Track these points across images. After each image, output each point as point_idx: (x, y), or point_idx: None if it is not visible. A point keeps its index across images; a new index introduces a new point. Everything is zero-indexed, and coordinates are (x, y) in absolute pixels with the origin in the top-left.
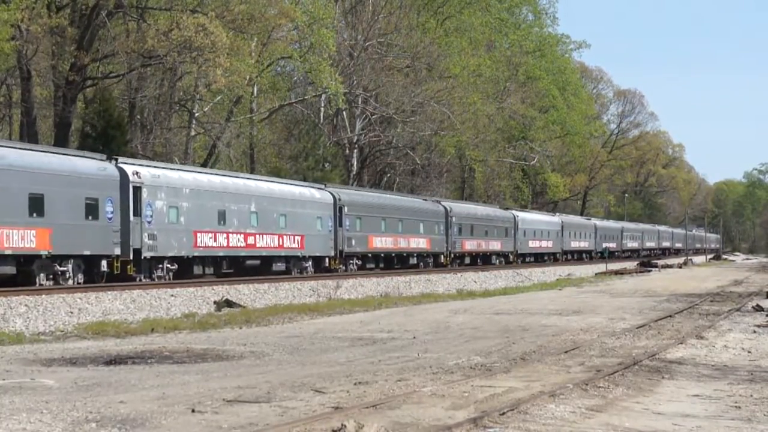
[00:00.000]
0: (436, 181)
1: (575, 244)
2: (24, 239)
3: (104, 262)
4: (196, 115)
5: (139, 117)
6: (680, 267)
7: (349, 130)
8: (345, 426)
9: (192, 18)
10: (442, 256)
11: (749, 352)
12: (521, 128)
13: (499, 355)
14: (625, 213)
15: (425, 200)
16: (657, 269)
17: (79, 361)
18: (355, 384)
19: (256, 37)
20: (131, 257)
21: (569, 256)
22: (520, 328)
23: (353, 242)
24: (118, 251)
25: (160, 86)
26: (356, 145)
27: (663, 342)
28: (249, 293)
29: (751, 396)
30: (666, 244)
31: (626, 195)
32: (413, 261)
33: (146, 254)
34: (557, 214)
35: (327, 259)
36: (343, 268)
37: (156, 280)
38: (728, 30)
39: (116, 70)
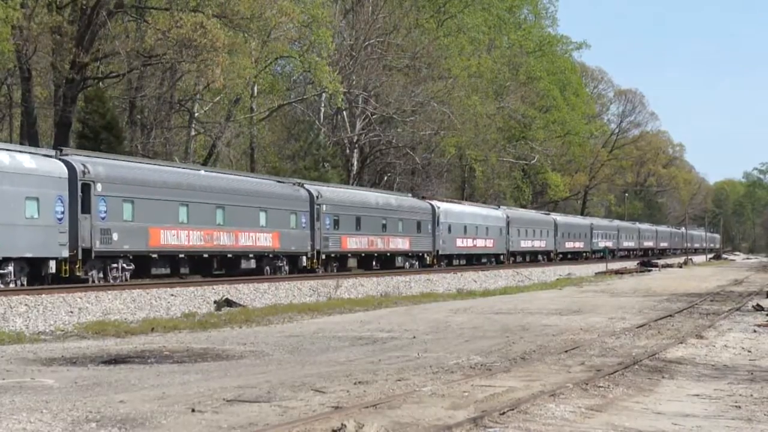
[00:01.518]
0: (436, 181)
1: (527, 244)
2: None
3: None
4: (196, 115)
5: (139, 117)
6: (680, 267)
7: (349, 129)
8: (345, 426)
9: (191, 17)
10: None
11: (749, 351)
12: (521, 128)
13: (499, 355)
14: (625, 212)
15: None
16: (657, 269)
17: (79, 360)
18: (355, 384)
19: (255, 36)
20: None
21: (519, 258)
22: (520, 327)
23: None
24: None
25: (160, 86)
26: (356, 145)
27: (663, 342)
28: (249, 293)
29: (751, 396)
30: (648, 243)
31: (626, 195)
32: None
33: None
34: (502, 207)
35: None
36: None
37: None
38: (728, 30)
39: (116, 70)
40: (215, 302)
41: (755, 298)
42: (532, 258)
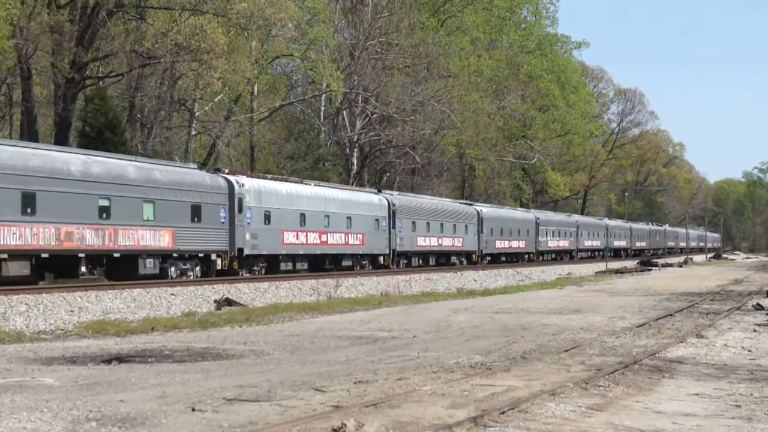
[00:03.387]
0: (436, 180)
1: (501, 245)
2: None
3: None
4: (197, 114)
5: (139, 116)
6: (680, 266)
7: (349, 129)
8: (345, 425)
9: (190, 19)
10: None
11: (749, 351)
12: (521, 127)
13: (500, 354)
14: (625, 212)
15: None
16: (657, 268)
17: (79, 359)
18: (355, 383)
19: (255, 35)
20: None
21: (493, 259)
22: (521, 327)
23: None
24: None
25: (159, 86)
26: (356, 145)
27: (663, 341)
28: (249, 292)
29: (752, 395)
30: (630, 242)
31: (626, 194)
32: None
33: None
34: (475, 203)
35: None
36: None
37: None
38: (728, 29)
39: (116, 70)
40: (215, 301)
41: (755, 297)
42: (508, 259)
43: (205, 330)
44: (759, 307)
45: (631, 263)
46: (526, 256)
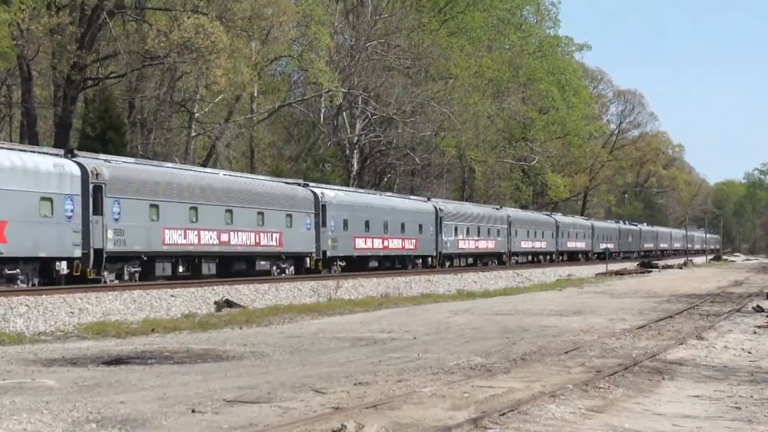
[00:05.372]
0: (436, 181)
1: (471, 245)
2: None
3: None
4: (197, 115)
5: (139, 117)
6: (680, 267)
7: (349, 130)
8: (345, 426)
9: (192, 18)
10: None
11: (749, 352)
12: (521, 129)
13: (500, 356)
14: (625, 213)
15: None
16: (657, 270)
17: (79, 361)
18: (355, 384)
19: (256, 36)
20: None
21: (455, 262)
22: (521, 328)
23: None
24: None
25: (159, 86)
26: (356, 146)
27: (663, 343)
28: (249, 293)
29: (752, 397)
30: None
31: (626, 195)
32: None
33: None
34: (430, 199)
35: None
36: None
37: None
38: (728, 30)
39: (116, 71)
40: (215, 303)
41: (755, 299)
42: (473, 262)
43: (205, 331)
44: (759, 309)
45: (631, 265)
46: None
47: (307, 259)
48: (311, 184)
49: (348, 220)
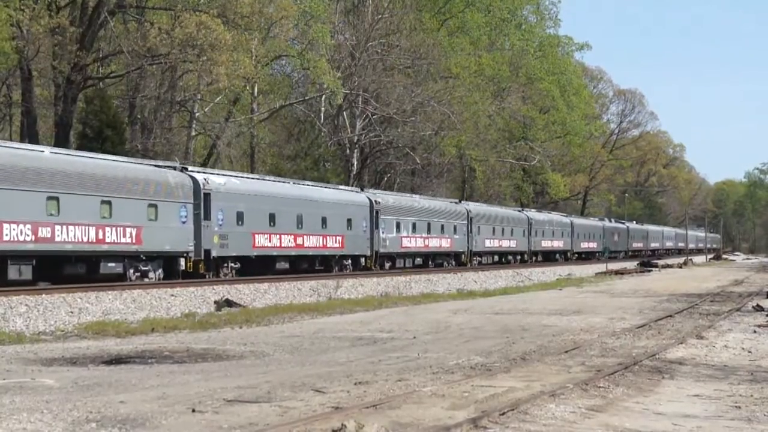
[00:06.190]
0: (436, 181)
1: (419, 243)
2: None
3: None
4: (197, 115)
5: (139, 117)
6: (680, 267)
7: (349, 130)
8: (345, 426)
9: (194, 16)
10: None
11: (749, 352)
12: (522, 128)
13: (500, 355)
14: (625, 213)
15: None
16: (657, 269)
17: (79, 360)
18: (355, 384)
19: (256, 34)
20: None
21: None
22: (521, 328)
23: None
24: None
25: (159, 86)
26: (357, 145)
27: (663, 342)
28: (249, 293)
29: (752, 396)
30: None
31: (626, 195)
32: None
33: None
34: (365, 189)
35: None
36: None
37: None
38: (728, 30)
39: (117, 70)
40: (215, 302)
41: (755, 298)
42: (422, 262)
43: (205, 331)
44: (759, 308)
45: (631, 264)
46: None
47: (182, 260)
48: (191, 168)
49: (244, 213)
